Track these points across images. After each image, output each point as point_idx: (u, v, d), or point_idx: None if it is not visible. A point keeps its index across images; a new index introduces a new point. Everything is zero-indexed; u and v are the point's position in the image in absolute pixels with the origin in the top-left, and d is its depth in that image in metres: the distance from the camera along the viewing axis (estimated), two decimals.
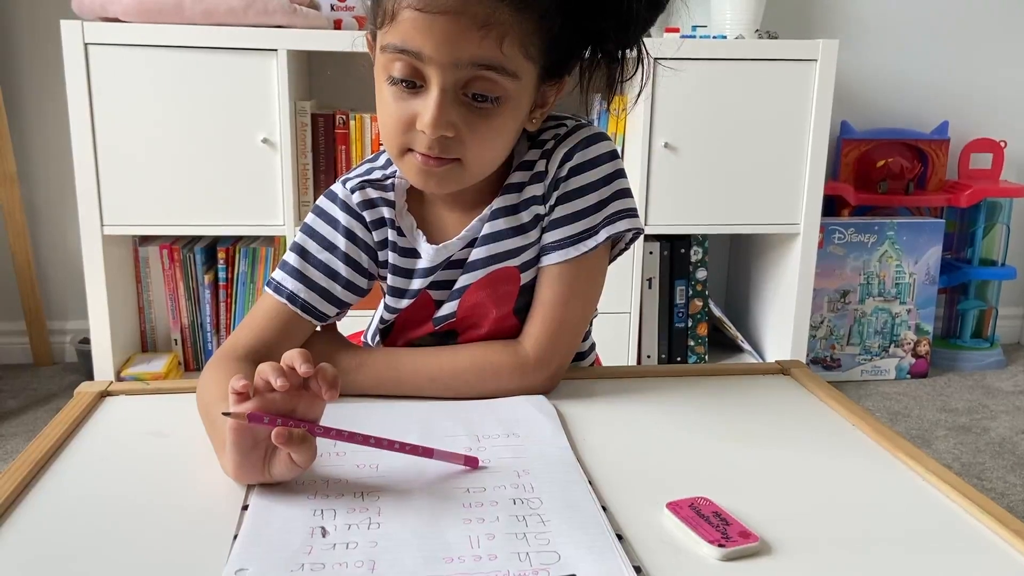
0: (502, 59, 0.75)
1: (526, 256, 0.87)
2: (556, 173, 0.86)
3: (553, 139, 0.87)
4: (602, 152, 0.86)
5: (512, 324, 0.90)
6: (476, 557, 0.56)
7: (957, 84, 2.58)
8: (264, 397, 0.64)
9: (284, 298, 0.86)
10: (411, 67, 0.75)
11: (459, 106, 0.76)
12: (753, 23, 2.17)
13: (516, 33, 0.74)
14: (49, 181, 2.35)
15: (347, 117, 2.08)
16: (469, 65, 0.74)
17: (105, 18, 1.90)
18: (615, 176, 0.87)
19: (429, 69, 0.75)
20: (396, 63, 0.75)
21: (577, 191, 0.86)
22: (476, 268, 0.87)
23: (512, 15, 0.74)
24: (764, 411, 0.85)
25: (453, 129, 0.76)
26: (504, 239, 0.87)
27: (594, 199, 0.86)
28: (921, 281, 2.43)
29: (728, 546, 0.58)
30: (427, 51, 0.73)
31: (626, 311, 2.15)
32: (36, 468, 0.69)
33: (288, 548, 0.57)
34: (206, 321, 2.20)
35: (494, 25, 0.73)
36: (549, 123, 0.88)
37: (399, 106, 0.77)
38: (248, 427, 0.63)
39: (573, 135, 0.87)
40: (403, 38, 0.74)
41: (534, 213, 0.87)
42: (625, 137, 2.15)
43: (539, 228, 0.87)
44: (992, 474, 1.88)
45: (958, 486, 0.67)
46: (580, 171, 0.85)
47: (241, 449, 0.64)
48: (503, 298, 0.88)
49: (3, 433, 1.98)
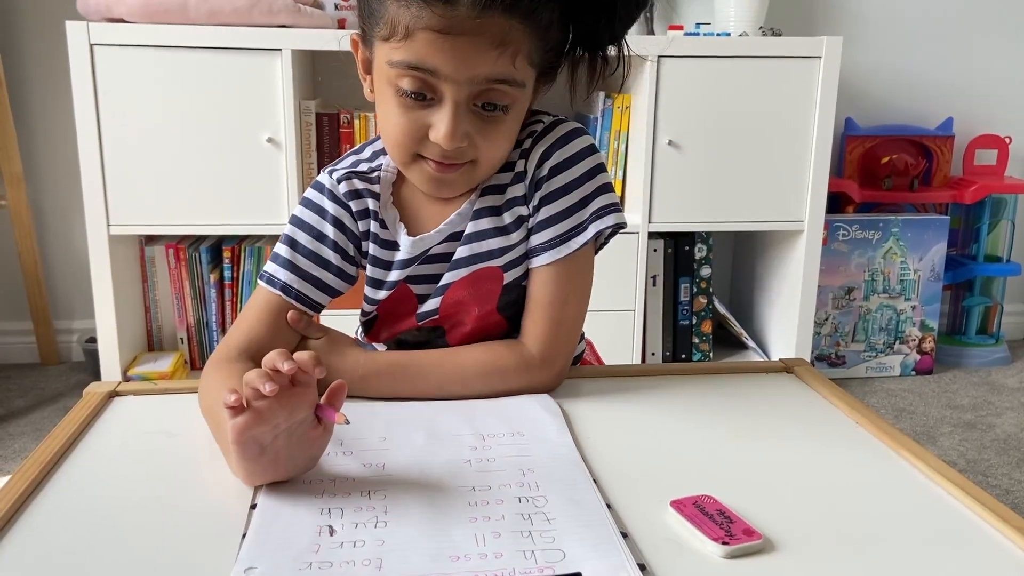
0: (514, 73, 0.77)
1: (509, 256, 0.88)
2: (536, 173, 0.87)
3: (529, 137, 0.87)
4: (581, 148, 0.87)
5: (496, 321, 0.91)
6: (482, 555, 0.57)
7: (962, 80, 2.57)
8: (255, 407, 0.63)
9: (278, 290, 0.87)
10: (423, 82, 0.76)
11: (470, 116, 0.78)
12: (757, 20, 2.17)
13: (525, 47, 0.77)
14: (55, 181, 2.36)
15: (351, 116, 2.08)
16: (484, 81, 0.76)
17: (110, 19, 1.90)
18: (596, 171, 0.87)
19: (444, 85, 0.76)
20: (406, 78, 0.76)
21: (560, 190, 0.86)
22: (460, 267, 0.88)
23: (523, 32, 0.75)
24: (768, 409, 0.85)
25: (467, 139, 0.78)
26: (487, 239, 0.87)
27: (578, 196, 0.86)
28: (926, 278, 2.43)
29: (732, 544, 0.58)
30: (445, 70, 0.74)
31: (630, 308, 2.15)
32: (46, 468, 0.70)
33: (296, 547, 0.58)
34: (212, 320, 2.21)
35: (509, 44, 0.75)
36: (526, 119, 0.89)
37: (409, 117, 0.79)
38: (252, 435, 0.63)
39: (550, 132, 0.87)
40: (419, 57, 0.75)
41: (517, 214, 0.88)
42: (629, 135, 2.15)
43: (523, 229, 0.88)
44: (997, 471, 1.88)
45: (961, 484, 0.67)
46: (561, 170, 0.86)
47: (249, 457, 0.64)
48: (485, 296, 0.89)
49: (11, 432, 1.99)
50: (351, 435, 0.75)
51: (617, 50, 0.86)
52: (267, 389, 0.61)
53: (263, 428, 0.63)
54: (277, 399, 0.63)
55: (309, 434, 0.66)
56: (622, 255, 2.11)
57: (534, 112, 0.89)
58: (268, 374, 0.62)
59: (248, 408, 0.63)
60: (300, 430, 0.66)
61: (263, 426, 0.63)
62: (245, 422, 0.63)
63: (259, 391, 0.62)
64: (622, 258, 2.11)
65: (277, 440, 0.65)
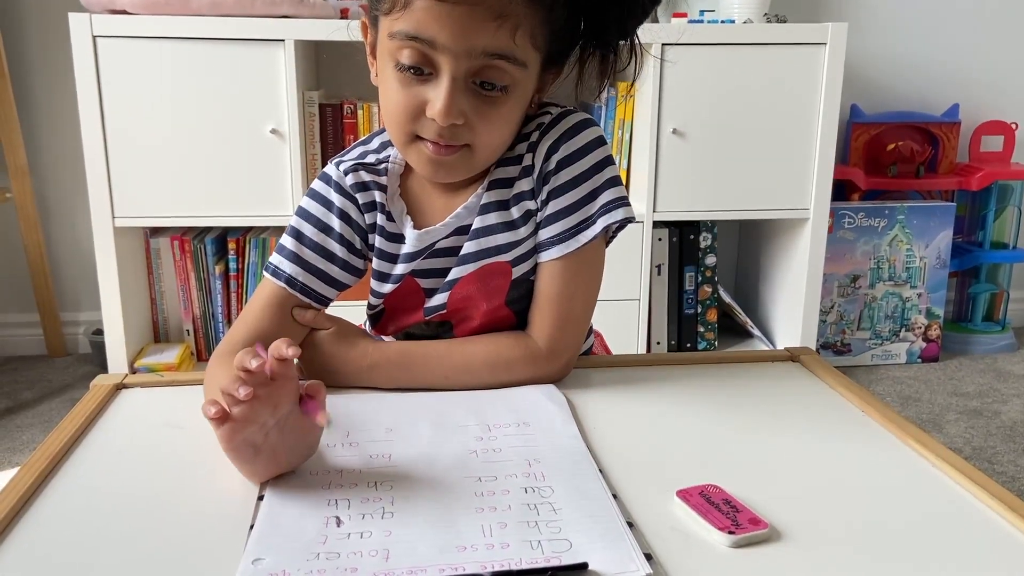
0: (513, 49, 0.76)
1: (518, 251, 0.88)
2: (543, 167, 0.86)
3: (537, 129, 0.87)
4: (588, 140, 0.86)
5: (505, 315, 0.90)
6: (489, 545, 0.57)
7: (967, 66, 2.56)
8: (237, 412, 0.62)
9: (283, 282, 0.86)
10: (421, 54, 0.75)
11: (468, 94, 0.77)
12: (761, 7, 2.15)
13: (527, 24, 0.75)
14: (60, 174, 2.36)
15: (355, 106, 2.08)
16: (482, 54, 0.75)
17: (113, 10, 1.90)
18: (604, 164, 0.86)
19: (441, 57, 0.75)
20: (405, 50, 0.76)
21: (568, 184, 0.85)
22: (467, 262, 0.88)
23: (524, 6, 0.75)
24: (773, 398, 0.85)
25: (463, 117, 0.77)
26: (495, 233, 0.87)
27: (587, 189, 0.86)
28: (932, 265, 2.42)
29: (738, 533, 0.58)
30: (442, 40, 0.74)
31: (635, 298, 2.15)
32: (55, 460, 0.70)
33: (303, 538, 0.58)
34: (217, 311, 2.22)
35: (509, 16, 0.74)
36: (534, 111, 0.88)
37: (406, 93, 0.78)
38: (241, 440, 0.63)
39: (557, 125, 0.86)
40: (417, 26, 0.74)
41: (524, 209, 0.87)
42: (633, 124, 2.14)
43: (531, 224, 0.87)
44: (1003, 458, 1.88)
45: (967, 471, 0.67)
46: (568, 163, 0.85)
47: (245, 459, 0.64)
48: (493, 292, 0.89)
49: (19, 424, 2.00)
50: (358, 427, 0.75)
51: (629, 46, 0.85)
52: (242, 394, 0.60)
53: (250, 430, 0.63)
54: (257, 398, 0.62)
55: (301, 423, 0.65)
56: (627, 244, 2.10)
57: (542, 104, 0.89)
58: (241, 377, 0.61)
59: (231, 415, 0.62)
60: (290, 421, 0.65)
61: (250, 428, 0.62)
62: (231, 429, 0.62)
63: (236, 397, 0.61)
64: (627, 247, 2.11)
65: (269, 437, 0.64)
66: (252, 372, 0.61)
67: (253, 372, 0.61)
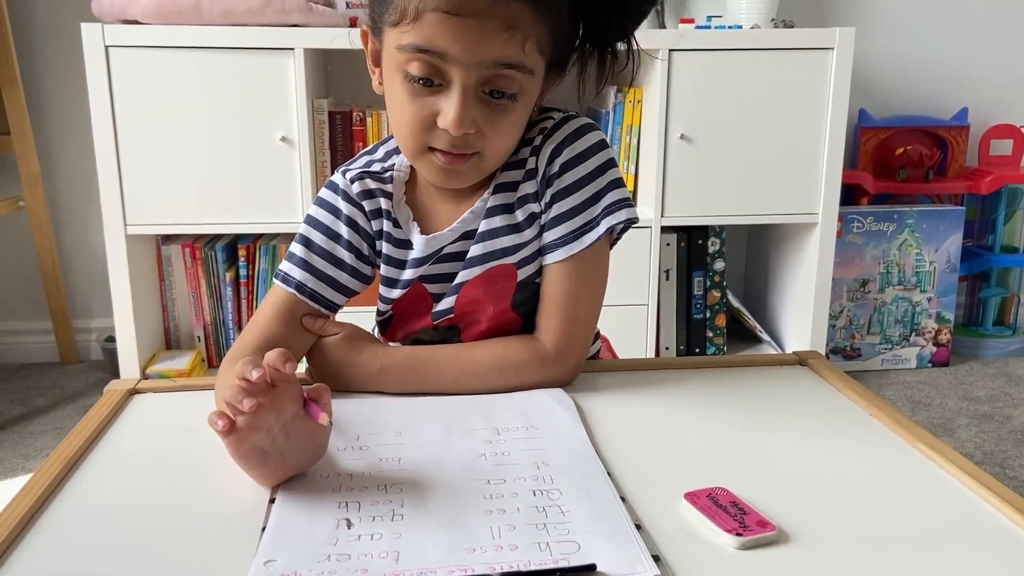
0: (523, 58, 0.77)
1: (523, 254, 0.88)
2: (547, 170, 0.87)
3: (540, 133, 0.87)
4: (591, 144, 0.87)
5: (512, 318, 0.91)
6: (498, 547, 0.57)
7: (976, 70, 2.55)
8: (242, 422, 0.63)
9: (293, 288, 0.87)
10: (431, 66, 0.76)
11: (479, 103, 0.78)
12: (769, 12, 2.16)
13: (535, 32, 0.76)
14: (72, 182, 2.38)
15: (364, 114, 2.09)
16: (492, 65, 0.76)
17: (124, 20, 1.92)
18: (607, 167, 0.87)
19: (452, 69, 0.76)
20: (415, 62, 0.76)
21: (572, 186, 0.86)
22: (473, 265, 0.88)
23: (532, 15, 0.75)
24: (782, 402, 0.85)
25: (475, 126, 0.78)
26: (500, 236, 0.88)
27: (590, 192, 0.86)
28: (942, 269, 2.41)
29: (746, 535, 0.58)
30: (454, 52, 0.75)
31: (644, 303, 2.15)
32: (69, 465, 0.71)
33: (315, 540, 0.59)
34: (228, 318, 2.23)
35: (518, 27, 0.75)
36: (536, 116, 0.89)
37: (417, 104, 0.79)
38: (249, 447, 0.64)
39: (560, 129, 0.87)
40: (427, 39, 0.75)
41: (529, 211, 0.88)
42: (641, 129, 2.15)
43: (535, 226, 0.88)
44: (1014, 462, 1.87)
45: (977, 475, 0.67)
46: (572, 166, 0.86)
47: (255, 465, 0.65)
48: (500, 294, 0.89)
49: (32, 431, 2.02)
50: (367, 431, 0.76)
51: (627, 46, 0.86)
52: (246, 407, 0.62)
53: (257, 436, 0.64)
54: (260, 405, 0.63)
55: (306, 425, 0.66)
56: (635, 249, 2.11)
57: (544, 108, 0.90)
58: (243, 388, 0.63)
59: (236, 425, 0.63)
60: (296, 424, 0.66)
61: (256, 435, 0.64)
62: (238, 438, 0.64)
63: (239, 408, 0.62)
64: (635, 252, 2.11)
65: (276, 441, 0.65)
66: (253, 382, 0.63)
67: (254, 382, 0.63)
